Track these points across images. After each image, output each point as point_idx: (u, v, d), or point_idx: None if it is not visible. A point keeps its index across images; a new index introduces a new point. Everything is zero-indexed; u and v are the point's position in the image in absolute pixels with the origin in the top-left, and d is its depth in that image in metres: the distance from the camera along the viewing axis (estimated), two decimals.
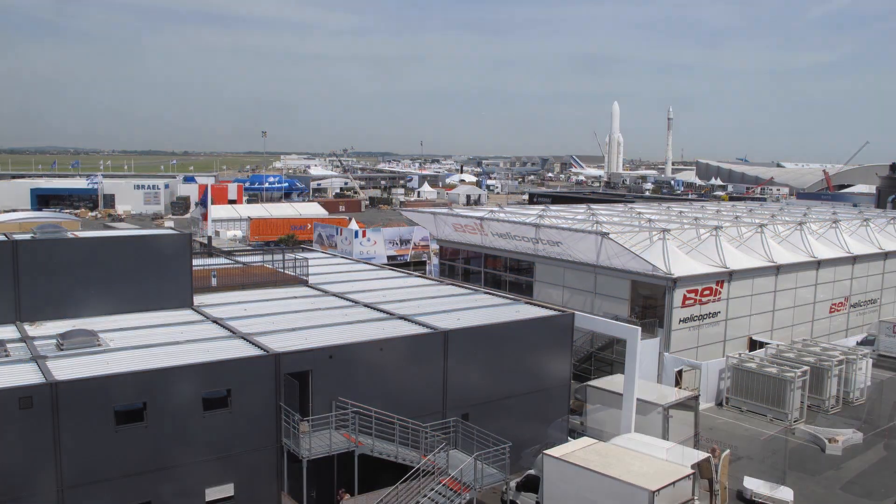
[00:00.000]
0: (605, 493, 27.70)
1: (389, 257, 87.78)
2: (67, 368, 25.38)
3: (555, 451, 30.75)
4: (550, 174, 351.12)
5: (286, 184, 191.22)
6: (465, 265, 61.90)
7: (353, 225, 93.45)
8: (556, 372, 35.62)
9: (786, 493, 32.10)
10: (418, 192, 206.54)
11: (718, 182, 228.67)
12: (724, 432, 41.12)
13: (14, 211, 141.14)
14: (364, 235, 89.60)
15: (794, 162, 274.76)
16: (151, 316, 33.00)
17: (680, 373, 43.86)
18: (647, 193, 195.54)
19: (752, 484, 32.78)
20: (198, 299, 35.87)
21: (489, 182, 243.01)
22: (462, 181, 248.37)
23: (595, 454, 31.54)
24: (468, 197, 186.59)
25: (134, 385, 24.99)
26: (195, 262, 38.02)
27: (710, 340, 48.63)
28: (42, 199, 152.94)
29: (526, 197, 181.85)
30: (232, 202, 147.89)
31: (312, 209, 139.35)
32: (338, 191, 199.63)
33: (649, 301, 48.80)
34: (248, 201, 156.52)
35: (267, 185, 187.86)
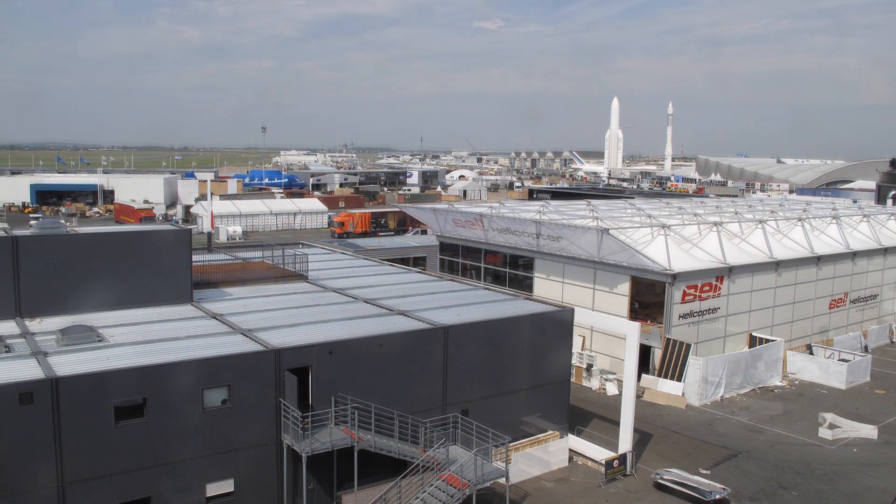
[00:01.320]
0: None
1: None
2: (68, 364, 25.36)
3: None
4: (550, 172, 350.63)
5: (286, 179, 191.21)
6: (465, 261, 61.89)
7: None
8: (555, 368, 35.63)
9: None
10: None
11: (718, 178, 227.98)
12: (724, 432, 41.11)
13: (11, 210, 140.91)
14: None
15: (795, 157, 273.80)
16: (151, 311, 32.97)
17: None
18: (646, 191, 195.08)
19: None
20: (197, 295, 35.87)
21: (490, 180, 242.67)
22: (462, 177, 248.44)
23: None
24: (467, 194, 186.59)
25: (134, 380, 25.00)
26: (195, 257, 37.98)
27: (709, 336, 48.67)
28: (42, 196, 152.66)
29: (525, 194, 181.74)
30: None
31: (313, 205, 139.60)
32: (337, 186, 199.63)
33: (649, 297, 48.80)
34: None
35: (267, 180, 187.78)
